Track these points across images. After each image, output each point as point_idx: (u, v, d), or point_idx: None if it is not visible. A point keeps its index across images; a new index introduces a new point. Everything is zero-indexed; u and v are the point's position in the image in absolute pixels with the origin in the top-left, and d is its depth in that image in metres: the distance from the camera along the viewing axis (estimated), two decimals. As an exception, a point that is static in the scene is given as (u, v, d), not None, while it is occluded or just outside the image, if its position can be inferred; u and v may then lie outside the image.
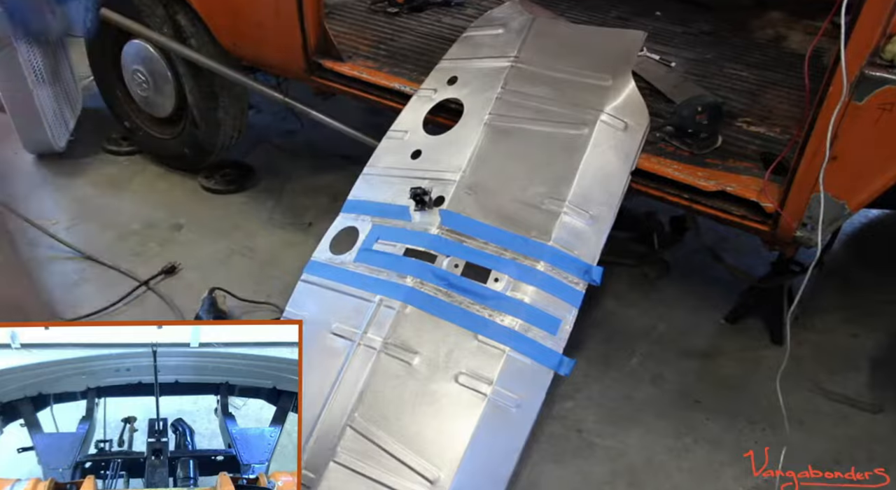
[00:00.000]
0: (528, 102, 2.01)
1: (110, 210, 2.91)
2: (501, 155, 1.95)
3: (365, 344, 1.77)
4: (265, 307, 2.41)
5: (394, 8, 2.86)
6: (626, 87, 1.95)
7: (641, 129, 1.90)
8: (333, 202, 2.91)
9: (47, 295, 2.47)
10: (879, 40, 1.50)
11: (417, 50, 2.57)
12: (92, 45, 3.03)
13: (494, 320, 1.72)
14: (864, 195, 1.68)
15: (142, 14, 2.69)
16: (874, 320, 2.43)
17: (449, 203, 1.90)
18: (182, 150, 2.99)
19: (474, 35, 2.30)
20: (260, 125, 3.42)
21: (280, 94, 2.61)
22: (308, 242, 2.64)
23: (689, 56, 2.54)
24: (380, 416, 1.67)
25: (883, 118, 1.56)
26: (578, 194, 1.82)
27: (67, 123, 3.21)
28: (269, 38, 2.46)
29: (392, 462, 1.61)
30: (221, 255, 2.68)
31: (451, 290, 1.79)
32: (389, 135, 2.15)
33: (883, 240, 2.92)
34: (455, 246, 1.84)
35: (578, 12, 2.87)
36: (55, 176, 3.11)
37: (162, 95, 2.88)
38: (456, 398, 1.67)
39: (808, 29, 2.73)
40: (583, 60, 2.04)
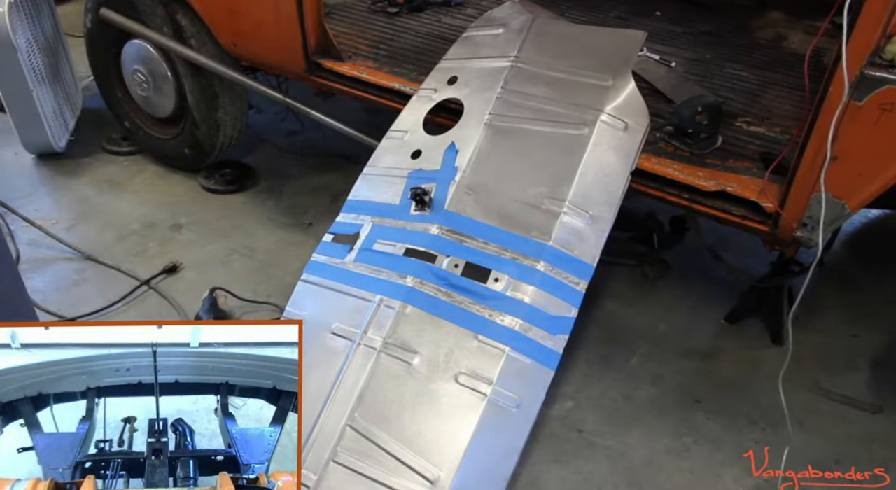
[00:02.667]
0: (528, 102, 2.01)
1: (110, 210, 2.91)
2: (501, 155, 1.95)
3: (365, 344, 1.77)
4: (265, 307, 2.41)
5: (394, 8, 2.86)
6: (626, 87, 1.95)
7: (641, 129, 1.90)
8: (333, 202, 2.92)
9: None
10: (880, 40, 1.51)
11: (417, 50, 2.57)
12: (92, 45, 3.03)
13: (494, 320, 1.73)
14: (865, 195, 1.68)
15: (142, 14, 2.69)
16: (874, 320, 2.43)
17: (449, 203, 1.90)
18: (182, 150, 2.99)
19: (474, 35, 2.30)
20: (260, 125, 3.42)
21: (280, 94, 2.61)
22: (308, 242, 2.64)
23: (689, 56, 2.54)
24: (380, 416, 1.67)
25: (883, 118, 1.56)
26: (578, 194, 1.82)
27: (67, 123, 3.21)
28: (270, 39, 2.46)
29: (392, 462, 1.61)
30: (221, 254, 2.68)
31: (451, 290, 1.79)
32: (389, 135, 2.15)
33: (883, 240, 2.92)
34: (455, 246, 1.84)
35: (578, 12, 2.87)
36: (55, 176, 3.11)
37: (162, 95, 2.88)
38: (456, 398, 1.67)
39: (808, 29, 2.74)
40: (583, 60, 2.04)
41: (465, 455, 1.59)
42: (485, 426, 1.63)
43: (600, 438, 2.02)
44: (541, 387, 1.68)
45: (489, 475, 1.61)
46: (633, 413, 2.09)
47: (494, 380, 1.66)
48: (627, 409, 2.11)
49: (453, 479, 1.57)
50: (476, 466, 1.60)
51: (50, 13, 3.13)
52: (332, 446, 1.65)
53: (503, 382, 1.66)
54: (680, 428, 2.05)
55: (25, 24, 2.85)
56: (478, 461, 1.60)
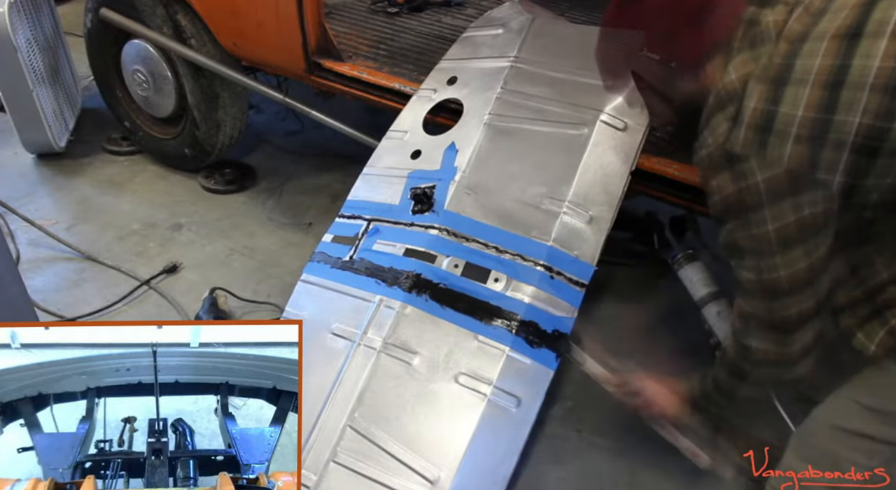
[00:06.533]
0: (527, 102, 2.01)
1: (110, 210, 2.91)
2: (501, 155, 1.95)
3: (365, 344, 1.77)
4: (265, 307, 2.41)
5: (394, 8, 2.86)
6: (626, 87, 1.95)
7: (641, 129, 1.90)
8: (333, 202, 2.91)
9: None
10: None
11: (417, 50, 2.57)
12: (92, 45, 3.03)
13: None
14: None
15: (142, 14, 2.69)
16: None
17: (449, 203, 1.90)
18: (182, 150, 2.99)
19: (474, 35, 2.30)
20: (260, 125, 3.42)
21: (280, 94, 2.61)
22: (308, 242, 2.64)
23: (689, 56, 2.53)
24: (380, 416, 1.67)
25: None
26: (578, 194, 1.82)
27: (67, 123, 3.21)
28: (270, 39, 2.46)
29: (392, 462, 1.61)
30: (221, 254, 2.68)
31: (451, 290, 1.79)
32: (389, 135, 2.15)
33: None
34: (455, 246, 1.84)
35: (578, 12, 2.86)
36: (55, 176, 3.11)
37: (162, 95, 2.88)
38: (456, 398, 1.67)
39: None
40: (583, 60, 2.03)
41: (465, 455, 1.60)
42: (485, 426, 1.63)
43: (600, 438, 2.02)
44: (541, 387, 1.68)
45: (489, 475, 1.61)
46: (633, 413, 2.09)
47: (494, 380, 1.66)
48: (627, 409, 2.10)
49: (453, 479, 1.57)
50: (476, 466, 1.60)
51: (50, 13, 3.13)
52: (332, 446, 1.65)
53: (503, 382, 1.67)
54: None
55: (25, 24, 2.85)
56: (478, 461, 1.60)
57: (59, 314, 2.36)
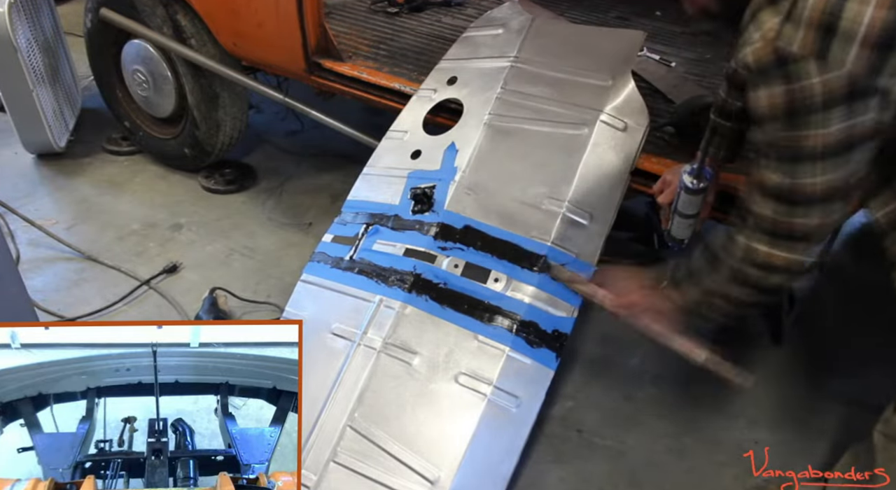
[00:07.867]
0: (527, 102, 2.01)
1: (110, 210, 2.91)
2: (501, 155, 1.95)
3: (365, 344, 1.77)
4: (265, 307, 2.41)
5: (394, 8, 2.86)
6: (626, 87, 1.96)
7: (641, 129, 1.90)
8: (333, 202, 2.91)
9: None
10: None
11: (417, 50, 2.57)
12: (92, 45, 3.03)
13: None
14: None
15: (142, 14, 2.69)
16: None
17: (449, 203, 1.90)
18: (182, 150, 2.99)
19: (474, 35, 2.30)
20: (260, 125, 3.42)
21: (280, 94, 2.61)
22: (308, 242, 2.64)
23: (689, 56, 2.53)
24: (380, 416, 1.67)
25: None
26: (578, 194, 1.82)
27: (67, 123, 3.21)
28: (270, 39, 2.46)
29: (392, 462, 1.61)
30: (221, 255, 2.68)
31: (451, 290, 1.79)
32: (389, 135, 2.15)
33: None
34: (455, 246, 1.84)
35: (578, 12, 2.86)
36: (55, 176, 3.11)
37: (162, 95, 2.88)
38: (456, 398, 1.67)
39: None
40: (583, 60, 2.04)
41: (465, 455, 1.60)
42: (485, 426, 1.63)
43: (600, 438, 2.02)
44: (541, 387, 1.68)
45: (489, 475, 1.61)
46: (633, 413, 2.09)
47: (494, 380, 1.67)
48: (627, 409, 2.11)
49: (453, 479, 1.57)
50: (476, 466, 1.60)
51: (50, 13, 3.13)
52: (332, 446, 1.65)
53: (503, 382, 1.67)
54: (680, 428, 2.05)
55: (25, 24, 2.85)
56: (478, 461, 1.60)
57: (59, 314, 2.36)
